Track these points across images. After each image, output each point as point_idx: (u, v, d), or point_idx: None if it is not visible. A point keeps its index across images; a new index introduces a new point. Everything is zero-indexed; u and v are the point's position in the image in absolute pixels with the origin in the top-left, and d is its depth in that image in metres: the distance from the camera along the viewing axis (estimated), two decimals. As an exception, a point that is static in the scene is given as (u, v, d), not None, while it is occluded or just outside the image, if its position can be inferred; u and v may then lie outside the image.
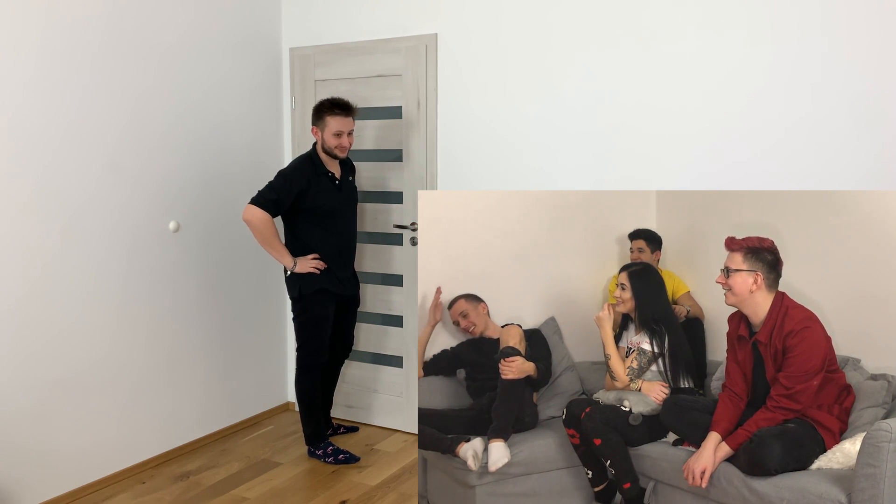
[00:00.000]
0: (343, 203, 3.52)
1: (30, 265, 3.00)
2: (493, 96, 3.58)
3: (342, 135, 3.40)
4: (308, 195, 3.38)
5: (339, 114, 3.38)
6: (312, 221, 3.44)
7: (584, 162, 3.40)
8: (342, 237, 3.54)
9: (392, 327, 4.00)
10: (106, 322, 3.30)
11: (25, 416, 3.02)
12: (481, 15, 3.57)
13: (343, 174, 3.55)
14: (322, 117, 3.40)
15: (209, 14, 3.70)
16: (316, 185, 3.40)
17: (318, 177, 3.43)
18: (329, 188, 3.45)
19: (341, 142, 3.40)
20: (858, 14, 2.84)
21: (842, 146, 2.90)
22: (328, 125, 3.38)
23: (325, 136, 3.40)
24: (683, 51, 3.15)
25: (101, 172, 3.23)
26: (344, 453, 3.59)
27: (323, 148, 3.43)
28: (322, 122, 3.40)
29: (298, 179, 3.35)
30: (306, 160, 3.43)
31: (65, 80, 3.08)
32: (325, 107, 3.40)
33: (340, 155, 3.43)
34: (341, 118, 3.38)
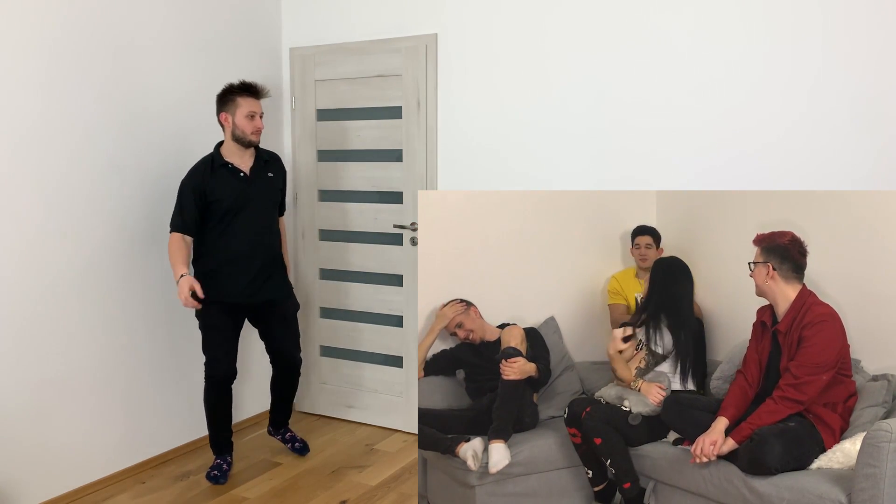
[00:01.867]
0: (249, 198, 3.21)
1: (30, 265, 3.00)
2: (493, 96, 3.57)
3: (255, 116, 3.18)
4: (208, 194, 3.15)
5: (250, 95, 3.19)
6: (213, 221, 3.20)
7: (584, 161, 3.40)
8: (247, 237, 3.22)
9: (392, 327, 3.99)
10: (106, 322, 3.30)
11: (25, 415, 3.02)
12: (481, 15, 3.57)
13: (256, 167, 3.27)
14: (233, 99, 3.18)
15: (209, 14, 3.70)
16: (213, 181, 3.16)
17: (216, 171, 3.18)
18: (229, 182, 3.19)
19: (255, 123, 3.18)
20: (858, 13, 2.84)
21: (842, 145, 2.90)
22: (240, 106, 3.16)
23: (236, 120, 3.16)
24: (683, 50, 3.15)
25: (100, 172, 3.23)
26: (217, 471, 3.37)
27: (233, 136, 3.19)
28: (233, 105, 3.17)
29: (192, 181, 3.15)
30: (203, 159, 3.24)
31: (64, 80, 3.07)
32: (234, 89, 3.20)
33: (255, 139, 3.20)
34: (252, 99, 3.19)
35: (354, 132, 3.97)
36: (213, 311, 3.25)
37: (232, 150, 3.22)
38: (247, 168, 3.24)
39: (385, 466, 3.55)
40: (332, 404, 4.20)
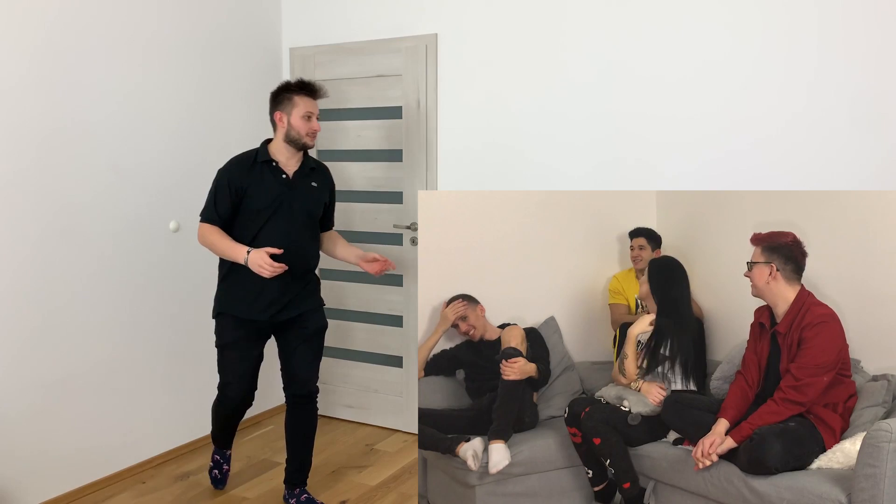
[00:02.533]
0: (288, 202, 2.91)
1: (30, 266, 3.00)
2: (493, 96, 3.57)
3: (312, 117, 2.93)
4: (246, 190, 2.89)
5: (309, 94, 2.94)
6: (244, 223, 2.91)
7: (585, 161, 3.40)
8: (280, 245, 2.85)
9: (392, 327, 4.00)
10: (106, 322, 3.30)
11: (25, 416, 3.02)
12: (481, 15, 3.57)
13: (301, 172, 2.98)
14: (289, 98, 2.92)
15: (209, 14, 3.70)
16: (250, 176, 2.89)
17: (256, 166, 2.91)
18: (269, 180, 2.90)
19: (312, 125, 2.93)
20: (857, 12, 2.84)
21: (842, 145, 2.91)
22: (297, 106, 2.90)
23: (292, 120, 2.90)
24: (685, 50, 3.15)
25: (101, 172, 3.23)
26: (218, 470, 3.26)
27: (287, 136, 2.92)
28: (289, 104, 2.91)
29: (229, 173, 2.90)
30: (246, 152, 2.99)
31: (65, 80, 3.07)
32: (291, 87, 2.94)
33: (310, 143, 2.94)
34: (310, 99, 2.94)
35: (354, 132, 3.97)
36: (229, 327, 2.96)
37: (280, 150, 2.95)
38: (291, 171, 2.95)
39: (385, 466, 3.55)
40: (331, 404, 4.20)
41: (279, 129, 2.94)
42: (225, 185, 2.88)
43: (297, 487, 3.12)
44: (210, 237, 2.87)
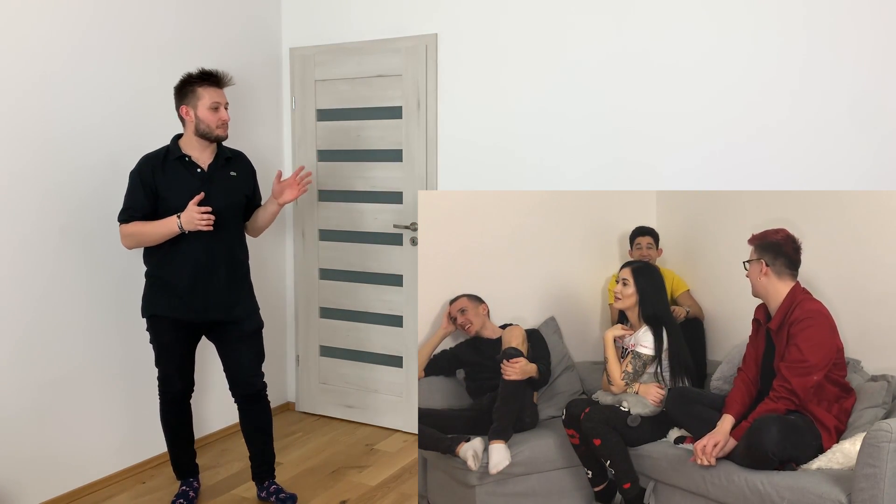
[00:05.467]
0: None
1: (29, 265, 3.00)
2: (493, 96, 3.58)
3: (220, 107, 2.83)
4: (161, 189, 2.80)
5: (212, 84, 2.85)
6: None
7: (585, 161, 3.40)
8: (203, 243, 2.81)
9: (392, 327, 4.00)
10: (106, 321, 3.30)
11: (25, 416, 3.02)
12: (481, 15, 3.57)
13: (216, 164, 2.90)
14: (193, 90, 2.83)
15: (209, 14, 3.70)
16: (164, 174, 2.81)
17: (168, 163, 2.82)
18: (183, 176, 2.82)
19: (220, 115, 2.83)
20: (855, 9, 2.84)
21: (842, 145, 2.91)
22: (201, 98, 2.81)
23: (199, 113, 2.81)
24: (684, 49, 3.16)
25: (101, 172, 3.23)
26: (183, 499, 3.12)
27: (197, 130, 2.83)
28: (193, 96, 2.82)
29: (141, 173, 2.81)
30: (156, 150, 2.91)
31: (65, 80, 3.07)
32: (193, 79, 2.84)
33: (221, 134, 2.85)
34: (215, 89, 2.85)
35: (354, 132, 3.97)
36: (164, 327, 2.93)
37: (192, 144, 2.87)
38: (205, 164, 2.89)
39: (385, 466, 3.55)
40: (332, 404, 4.20)
41: (188, 124, 2.87)
42: (139, 184, 2.82)
43: (265, 480, 3.17)
44: (133, 229, 2.81)
